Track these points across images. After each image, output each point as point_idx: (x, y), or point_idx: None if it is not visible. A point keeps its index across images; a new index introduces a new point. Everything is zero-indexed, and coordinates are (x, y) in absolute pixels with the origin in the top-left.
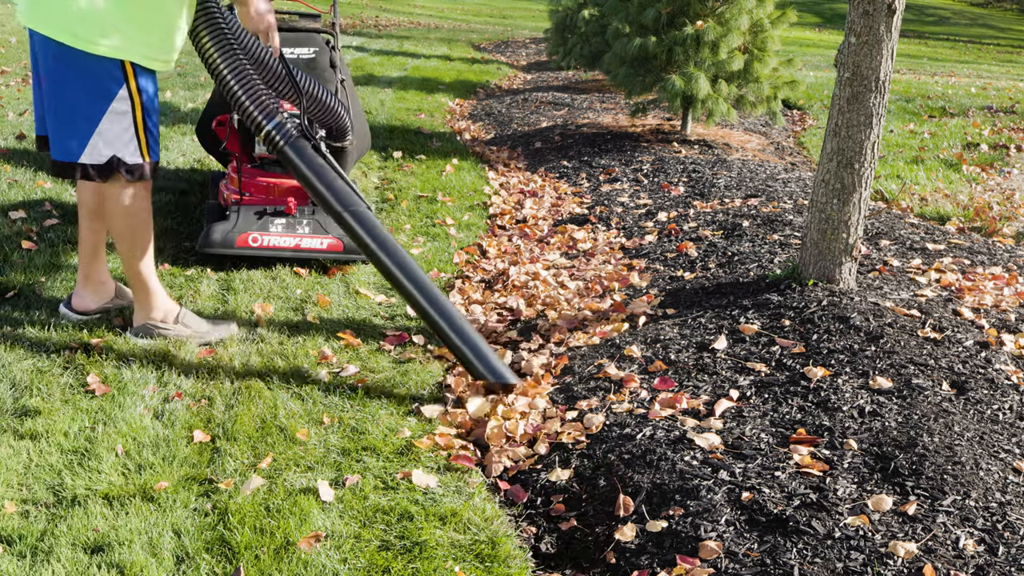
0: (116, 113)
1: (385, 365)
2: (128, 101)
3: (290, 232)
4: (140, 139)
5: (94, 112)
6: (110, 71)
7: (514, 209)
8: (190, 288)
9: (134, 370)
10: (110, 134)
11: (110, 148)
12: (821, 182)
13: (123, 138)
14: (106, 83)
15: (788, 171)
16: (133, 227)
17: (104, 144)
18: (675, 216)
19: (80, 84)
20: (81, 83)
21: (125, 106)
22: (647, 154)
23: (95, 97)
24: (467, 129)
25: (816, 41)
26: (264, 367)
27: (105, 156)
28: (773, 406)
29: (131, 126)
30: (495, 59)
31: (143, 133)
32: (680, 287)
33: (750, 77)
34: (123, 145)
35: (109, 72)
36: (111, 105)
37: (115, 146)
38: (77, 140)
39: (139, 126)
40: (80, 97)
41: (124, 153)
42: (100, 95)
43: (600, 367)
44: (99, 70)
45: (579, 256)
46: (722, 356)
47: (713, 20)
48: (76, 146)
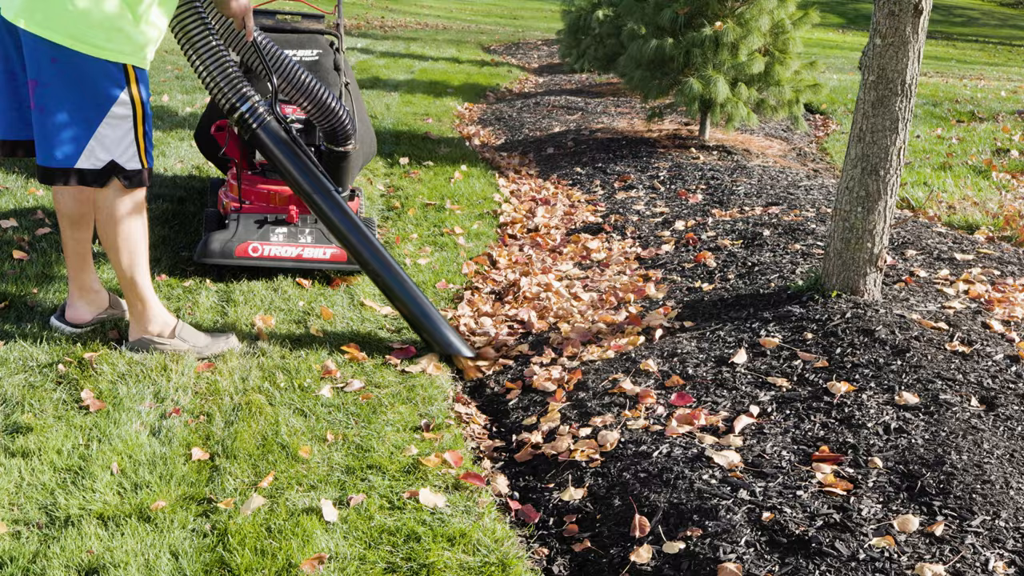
0: (116, 117)
1: (391, 380)
2: (129, 105)
3: (292, 241)
4: (139, 144)
5: (93, 116)
6: (112, 74)
7: (525, 218)
8: (188, 300)
9: (130, 385)
10: (109, 139)
11: (108, 153)
12: (845, 189)
13: (122, 143)
14: (107, 87)
15: (811, 178)
16: (129, 236)
17: (102, 149)
18: (693, 225)
19: (79, 88)
20: (80, 87)
21: (126, 110)
22: (664, 160)
23: (95, 101)
24: (476, 134)
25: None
26: (265, 382)
27: (103, 161)
28: (795, 423)
29: (131, 130)
30: (505, 61)
31: (142, 138)
32: (698, 299)
33: (771, 80)
34: (122, 150)
35: (111, 75)
36: (112, 109)
37: (113, 151)
38: (73, 145)
39: (139, 131)
40: (78, 101)
41: (123, 159)
42: (100, 99)
43: (615, 382)
44: (100, 73)
45: (593, 266)
46: (742, 371)
47: (732, 21)
48: (71, 151)
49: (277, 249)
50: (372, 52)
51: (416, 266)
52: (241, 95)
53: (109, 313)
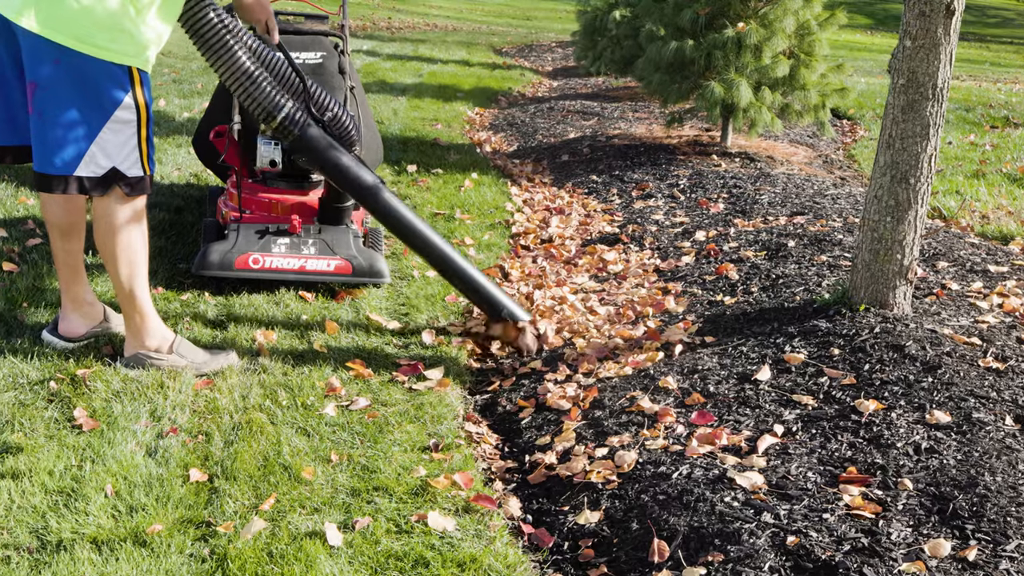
0: (119, 122)
1: (398, 398)
2: (133, 110)
3: (294, 253)
4: (141, 150)
5: (95, 121)
6: (117, 77)
7: (539, 228)
8: (186, 314)
9: (125, 403)
10: (111, 145)
11: (109, 160)
12: (873, 198)
13: (124, 149)
14: (111, 90)
15: (837, 186)
16: (128, 246)
17: (103, 156)
18: (714, 235)
19: (81, 91)
20: (83, 90)
21: (130, 115)
22: (684, 168)
23: (98, 105)
24: (488, 141)
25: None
26: (267, 400)
27: (103, 168)
28: (821, 442)
29: (134, 136)
30: (518, 64)
31: (144, 143)
32: (720, 313)
33: (796, 84)
34: (124, 157)
35: (116, 78)
36: (115, 113)
37: (115, 158)
38: (73, 151)
39: (142, 136)
40: (80, 105)
41: (125, 165)
42: (104, 103)
43: (632, 400)
44: (104, 76)
45: (610, 279)
46: (765, 388)
47: (756, 22)
48: (71, 157)
49: (279, 261)
50: (378, 54)
51: (425, 278)
52: (277, 103)
53: (104, 327)
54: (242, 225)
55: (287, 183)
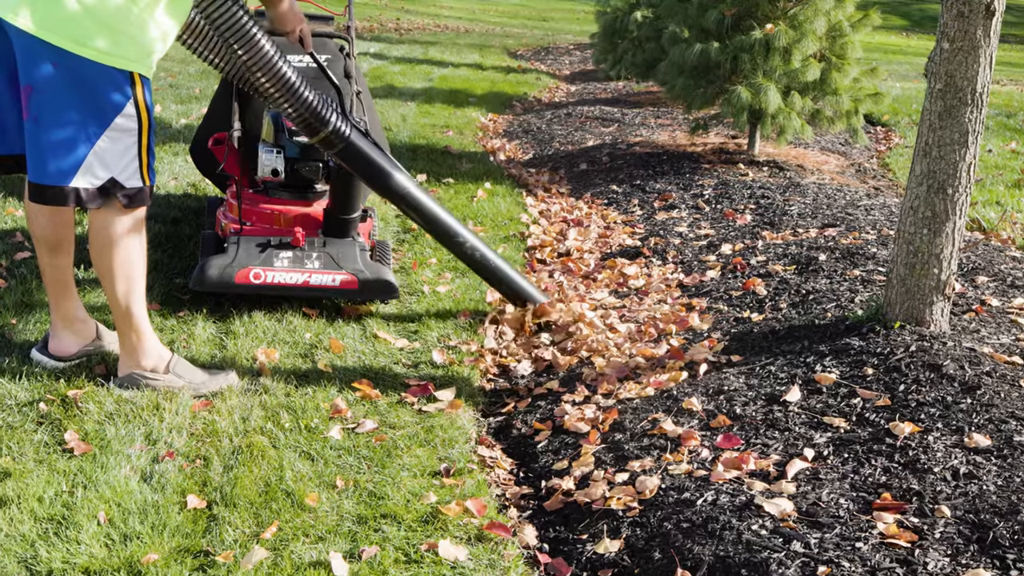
0: (120, 130)
1: (407, 420)
2: (135, 117)
3: (298, 267)
4: (142, 159)
5: (94, 128)
6: (118, 83)
7: (556, 240)
8: (183, 332)
9: (118, 426)
10: (109, 154)
11: (107, 170)
12: (909, 209)
13: (124, 159)
14: (111, 96)
15: (871, 197)
16: (126, 261)
17: (101, 165)
18: (741, 248)
19: (80, 96)
20: (81, 95)
21: (131, 123)
22: (709, 177)
23: (97, 111)
24: (502, 148)
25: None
26: (268, 422)
27: (101, 179)
28: (854, 467)
29: (134, 145)
30: (534, 68)
31: (145, 153)
32: (747, 330)
33: (827, 88)
34: (123, 167)
35: (117, 84)
36: (115, 121)
37: (113, 168)
38: (69, 160)
39: (143, 145)
40: (78, 111)
41: (123, 176)
42: (104, 109)
43: (655, 422)
44: (105, 81)
45: (630, 294)
46: (795, 410)
47: (785, 23)
48: (68, 167)
49: (281, 275)
50: (386, 57)
51: (435, 294)
52: (322, 114)
53: (96, 345)
54: (242, 238)
55: (290, 193)
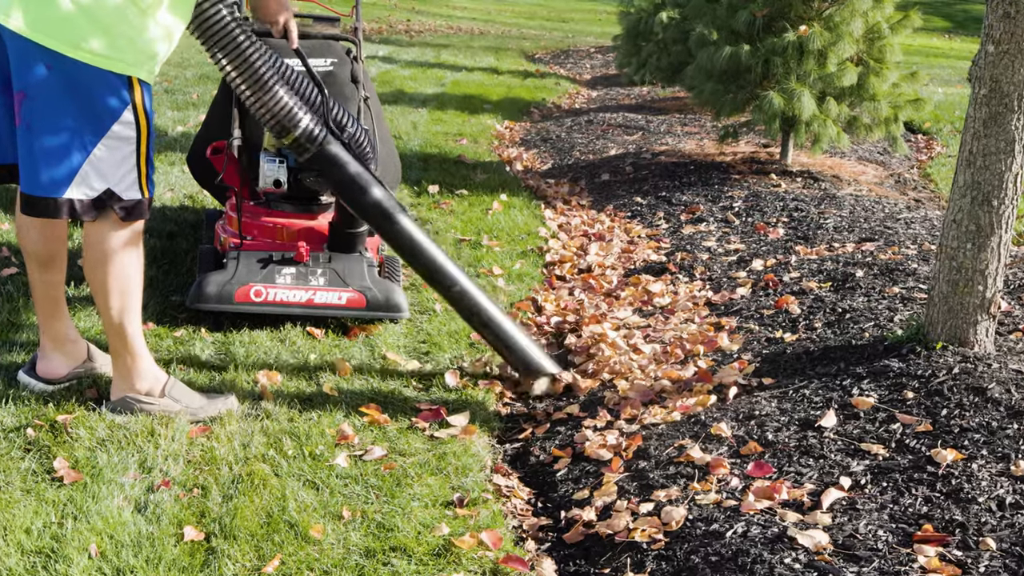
0: (117, 138)
1: (418, 447)
2: (133, 125)
3: (302, 284)
4: (140, 170)
5: (89, 136)
6: (116, 89)
7: (576, 256)
8: (180, 353)
9: (111, 453)
10: (106, 164)
11: (103, 181)
12: (952, 223)
13: (121, 169)
14: (109, 102)
15: (911, 209)
16: (121, 277)
17: (97, 176)
18: (773, 264)
19: (75, 102)
20: (77, 101)
21: (129, 131)
22: (739, 188)
23: (93, 119)
24: (519, 158)
25: (945, 50)
26: (270, 449)
27: (97, 190)
28: (893, 497)
29: (133, 154)
30: (553, 72)
31: (144, 163)
32: (779, 351)
33: (865, 94)
34: (120, 177)
35: (114, 89)
36: (112, 128)
37: (110, 178)
38: (63, 170)
39: (141, 155)
40: (74, 118)
41: (120, 187)
42: (100, 116)
43: (681, 449)
44: (102, 86)
45: (656, 313)
46: (831, 436)
47: (819, 24)
48: (62, 177)
49: (284, 293)
50: (396, 61)
51: (448, 313)
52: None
53: (87, 367)
54: (243, 253)
55: (293, 206)
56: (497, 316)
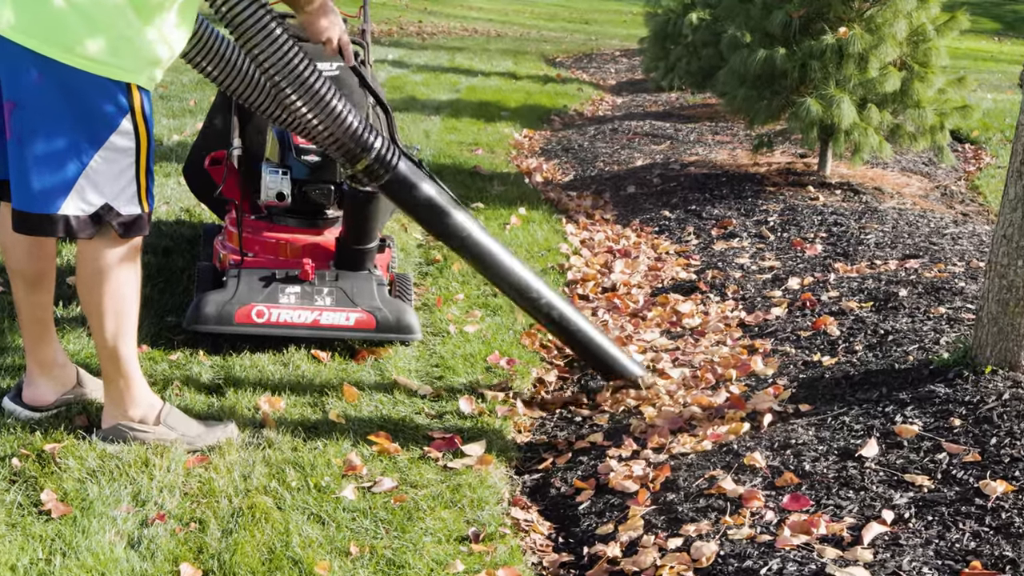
0: (115, 150)
1: (431, 478)
2: (132, 136)
3: (307, 304)
4: (140, 183)
5: (85, 148)
6: (113, 96)
7: (600, 274)
8: (176, 378)
9: (102, 485)
10: (104, 177)
11: (100, 195)
12: (1002, 238)
13: (119, 182)
14: (106, 111)
15: (959, 224)
16: (117, 296)
17: (94, 190)
18: (810, 283)
19: (70, 112)
20: (71, 111)
21: (128, 141)
22: (774, 201)
23: (90, 129)
24: (538, 169)
25: (995, 53)
26: (273, 481)
27: (94, 205)
28: (939, 531)
29: (132, 166)
30: (575, 77)
31: (144, 176)
32: (817, 376)
33: (909, 101)
34: (119, 191)
35: (112, 97)
36: (110, 139)
37: (108, 192)
38: (58, 185)
39: (141, 167)
40: (69, 129)
41: (119, 201)
42: (97, 126)
43: (712, 480)
44: (98, 94)
45: (685, 335)
46: (872, 466)
47: (860, 26)
48: (56, 192)
49: (288, 313)
50: (407, 65)
51: (463, 335)
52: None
53: (77, 393)
54: (243, 271)
55: (298, 220)
56: (585, 325)
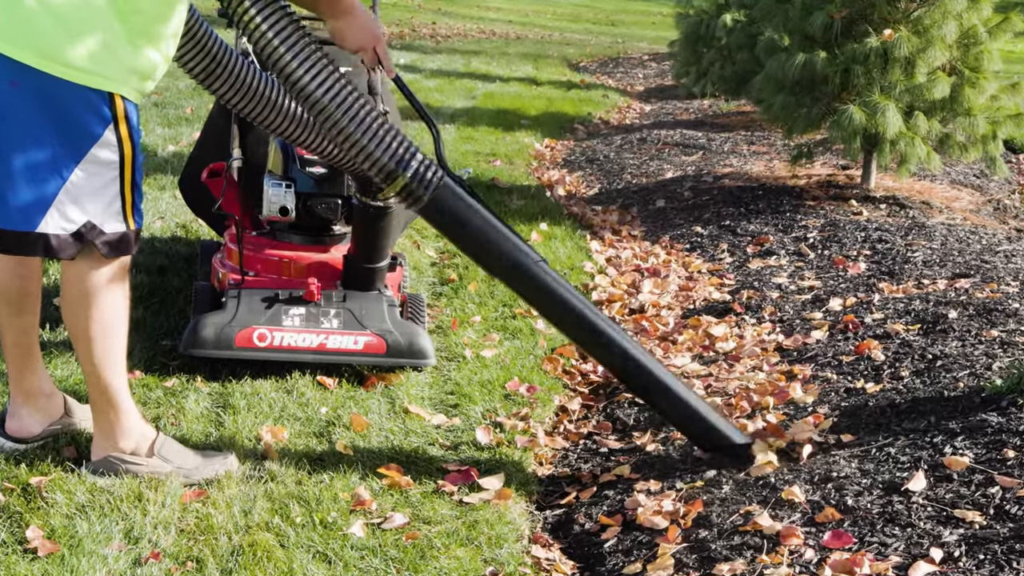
0: (97, 163)
1: (445, 514)
2: (116, 148)
3: (312, 326)
4: (125, 199)
5: (64, 161)
6: (94, 106)
7: (627, 294)
8: (171, 406)
9: (92, 521)
10: (85, 192)
11: (82, 212)
12: None
13: (103, 197)
14: (86, 122)
15: (1012, 240)
16: (104, 320)
17: (75, 207)
18: (853, 304)
19: (48, 123)
20: (50, 121)
21: (111, 154)
22: (814, 216)
23: (69, 141)
24: (561, 181)
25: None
26: (275, 516)
27: (75, 223)
28: (992, 571)
29: (116, 180)
30: (600, 83)
31: (130, 191)
32: (860, 404)
33: (959, 108)
34: (103, 207)
35: (93, 107)
36: (91, 151)
37: (90, 209)
38: (35, 201)
39: (126, 181)
40: (46, 141)
41: (103, 218)
42: (77, 138)
43: (748, 516)
44: (78, 104)
45: (718, 360)
46: (919, 501)
47: (907, 28)
48: (34, 209)
49: (292, 337)
50: (420, 70)
51: (479, 359)
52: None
53: (65, 423)
54: (244, 291)
55: (302, 237)
56: (667, 377)
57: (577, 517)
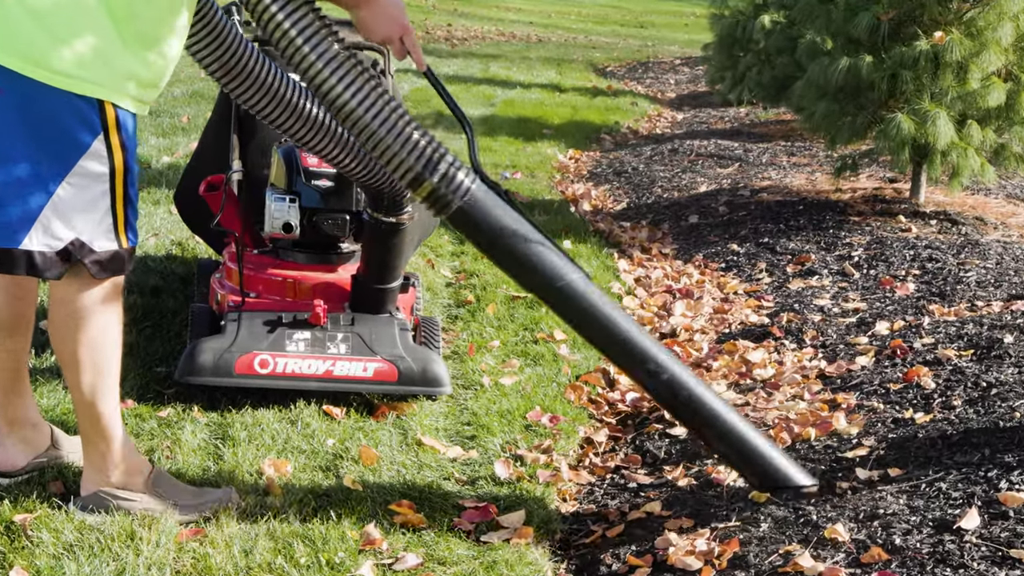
0: (85, 176)
1: (461, 554)
2: (106, 159)
3: (318, 352)
4: (117, 214)
5: (50, 174)
6: (82, 114)
7: (657, 317)
8: (166, 437)
9: (81, 561)
10: (73, 207)
11: (70, 229)
12: None
13: (92, 213)
14: (74, 131)
15: None
16: (96, 346)
17: (61, 221)
18: (901, 328)
19: (33, 132)
20: (34, 130)
21: (100, 166)
22: (859, 233)
23: (55, 152)
24: (586, 196)
25: None
26: (278, 556)
27: (62, 240)
28: None
29: (106, 195)
30: (628, 89)
31: (122, 206)
32: (909, 435)
33: (1015, 117)
34: (93, 224)
35: (80, 115)
36: (79, 163)
37: (79, 226)
38: (19, 215)
39: (118, 196)
40: (32, 152)
41: (92, 235)
42: (63, 149)
43: (787, 556)
44: (66, 112)
45: (756, 388)
46: (973, 540)
47: (959, 30)
48: (17, 224)
49: (296, 363)
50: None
51: (498, 387)
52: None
53: (52, 455)
54: (244, 313)
55: (307, 255)
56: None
57: (604, 557)
